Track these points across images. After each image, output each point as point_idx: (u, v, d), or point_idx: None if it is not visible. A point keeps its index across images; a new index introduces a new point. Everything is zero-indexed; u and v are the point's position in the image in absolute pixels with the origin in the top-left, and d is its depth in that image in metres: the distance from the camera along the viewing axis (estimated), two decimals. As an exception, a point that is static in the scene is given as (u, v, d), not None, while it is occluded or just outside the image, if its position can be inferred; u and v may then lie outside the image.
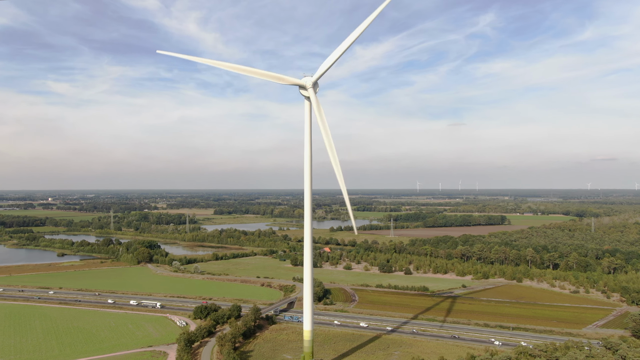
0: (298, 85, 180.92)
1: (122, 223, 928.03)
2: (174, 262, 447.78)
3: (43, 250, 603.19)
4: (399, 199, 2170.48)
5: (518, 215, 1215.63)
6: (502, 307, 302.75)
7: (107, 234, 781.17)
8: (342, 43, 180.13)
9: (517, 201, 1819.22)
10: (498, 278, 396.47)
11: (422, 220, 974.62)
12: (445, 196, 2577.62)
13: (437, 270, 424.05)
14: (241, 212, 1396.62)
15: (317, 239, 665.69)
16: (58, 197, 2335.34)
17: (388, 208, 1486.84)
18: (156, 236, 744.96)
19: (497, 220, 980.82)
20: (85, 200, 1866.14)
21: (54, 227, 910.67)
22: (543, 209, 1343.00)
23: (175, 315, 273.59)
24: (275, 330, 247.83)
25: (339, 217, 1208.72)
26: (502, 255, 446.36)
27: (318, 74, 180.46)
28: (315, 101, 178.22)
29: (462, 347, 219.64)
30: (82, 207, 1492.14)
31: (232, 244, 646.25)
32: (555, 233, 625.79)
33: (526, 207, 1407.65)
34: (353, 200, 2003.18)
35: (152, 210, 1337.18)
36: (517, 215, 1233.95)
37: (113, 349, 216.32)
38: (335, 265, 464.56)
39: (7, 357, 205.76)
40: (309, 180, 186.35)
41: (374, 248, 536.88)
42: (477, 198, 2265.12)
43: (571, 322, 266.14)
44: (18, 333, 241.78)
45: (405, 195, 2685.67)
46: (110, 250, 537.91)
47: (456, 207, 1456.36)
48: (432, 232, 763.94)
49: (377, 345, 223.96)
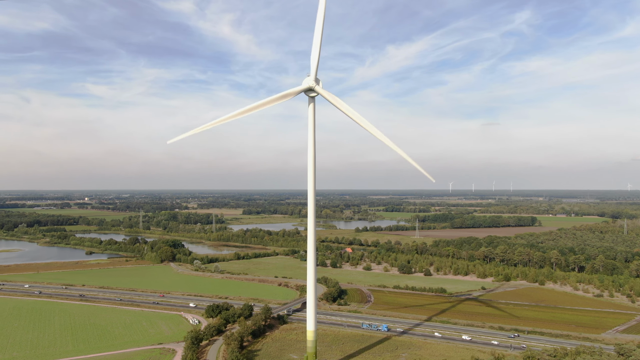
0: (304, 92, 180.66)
1: (151, 222, 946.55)
2: (195, 261, 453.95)
3: (73, 248, 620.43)
4: (429, 200, 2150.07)
5: (550, 217, 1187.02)
6: (520, 310, 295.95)
7: (135, 233, 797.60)
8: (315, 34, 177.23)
9: (551, 202, 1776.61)
10: (520, 280, 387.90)
11: (450, 221, 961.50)
12: (477, 197, 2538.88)
13: (458, 272, 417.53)
14: (269, 212, 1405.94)
15: (340, 239, 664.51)
16: (94, 196, 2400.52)
17: (417, 209, 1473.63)
18: (183, 235, 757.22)
19: (527, 222, 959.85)
20: (120, 200, 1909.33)
21: (86, 226, 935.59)
22: (577, 210, 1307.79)
23: (189, 314, 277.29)
24: (285, 330, 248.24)
25: (366, 218, 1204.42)
26: (526, 257, 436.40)
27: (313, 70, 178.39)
28: (328, 94, 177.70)
29: (472, 350, 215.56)
30: (115, 207, 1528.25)
31: (256, 244, 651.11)
32: (585, 235, 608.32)
33: (559, 208, 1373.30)
34: (384, 201, 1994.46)
35: (183, 210, 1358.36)
36: (549, 216, 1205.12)
37: (124, 346, 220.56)
38: (355, 266, 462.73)
39: (22, 352, 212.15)
40: (312, 180, 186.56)
41: (396, 249, 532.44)
42: (510, 199, 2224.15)
43: (590, 326, 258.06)
44: (37, 328, 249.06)
45: (437, 196, 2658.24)
46: (135, 249, 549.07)
47: (487, 208, 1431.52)
48: (458, 233, 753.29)
49: (385, 346, 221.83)
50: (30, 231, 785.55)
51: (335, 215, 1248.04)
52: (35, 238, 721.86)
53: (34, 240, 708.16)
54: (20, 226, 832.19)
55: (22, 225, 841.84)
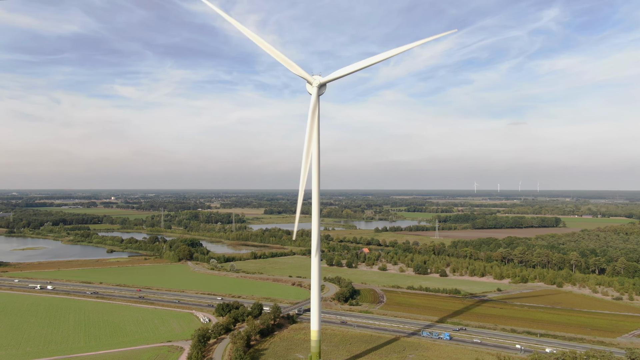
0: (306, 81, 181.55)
1: (173, 221, 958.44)
2: (211, 260, 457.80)
3: (95, 246, 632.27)
4: (452, 200, 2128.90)
5: (575, 218, 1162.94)
6: (535, 312, 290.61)
7: (157, 232, 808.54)
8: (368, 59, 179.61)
9: (578, 203, 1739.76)
10: (537, 282, 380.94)
11: (471, 221, 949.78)
12: (502, 197, 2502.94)
13: (474, 273, 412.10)
14: (291, 212, 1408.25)
15: (359, 239, 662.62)
16: (121, 196, 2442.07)
17: (439, 209, 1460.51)
18: (203, 235, 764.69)
19: (550, 223, 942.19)
20: (145, 200, 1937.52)
21: (110, 224, 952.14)
22: (604, 211, 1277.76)
23: (201, 312, 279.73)
24: (294, 329, 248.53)
25: (387, 218, 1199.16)
26: (545, 259, 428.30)
27: (329, 77, 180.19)
28: (314, 101, 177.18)
29: (480, 352, 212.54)
30: (140, 206, 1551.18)
31: (274, 243, 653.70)
32: (609, 236, 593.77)
33: (585, 209, 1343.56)
34: (406, 201, 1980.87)
35: (205, 209, 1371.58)
36: (575, 217, 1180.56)
37: (134, 343, 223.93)
38: (371, 266, 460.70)
39: (35, 347, 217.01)
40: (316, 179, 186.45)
41: (413, 249, 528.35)
42: (536, 199, 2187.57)
43: (606, 330, 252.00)
44: (51, 324, 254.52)
45: (461, 197, 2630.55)
46: (155, 247, 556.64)
47: (510, 209, 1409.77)
48: (478, 234, 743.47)
49: (392, 347, 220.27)
50: (55, 229, 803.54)
51: (355, 215, 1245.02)
52: (60, 236, 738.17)
53: (59, 238, 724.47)
54: (46, 224, 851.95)
55: (47, 223, 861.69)
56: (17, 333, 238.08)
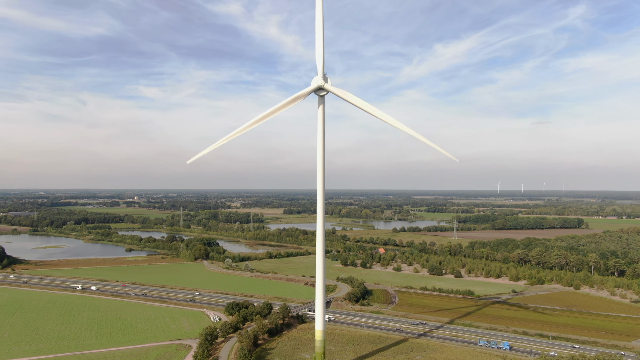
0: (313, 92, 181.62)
1: (192, 221, 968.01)
2: (226, 260, 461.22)
3: (115, 245, 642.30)
4: (474, 200, 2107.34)
5: (599, 219, 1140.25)
6: (549, 315, 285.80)
7: (176, 231, 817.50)
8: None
9: (603, 204, 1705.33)
10: (554, 284, 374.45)
11: (491, 222, 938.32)
12: (526, 198, 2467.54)
13: (490, 274, 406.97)
14: (310, 211, 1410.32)
15: (375, 239, 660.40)
16: (144, 195, 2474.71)
17: (460, 209, 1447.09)
18: (221, 234, 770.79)
19: (572, 224, 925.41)
20: (167, 199, 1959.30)
21: (131, 224, 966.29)
22: (630, 212, 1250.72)
23: (212, 311, 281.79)
24: (303, 329, 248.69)
25: (406, 218, 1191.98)
26: (563, 260, 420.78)
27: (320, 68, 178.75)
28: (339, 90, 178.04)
29: (490, 354, 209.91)
30: (161, 206, 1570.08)
31: (291, 243, 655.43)
32: (631, 238, 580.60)
33: (610, 210, 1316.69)
34: (427, 202, 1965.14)
35: (225, 209, 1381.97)
36: (599, 218, 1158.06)
37: (144, 341, 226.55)
38: (386, 267, 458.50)
39: (48, 344, 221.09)
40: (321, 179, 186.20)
41: (429, 250, 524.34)
42: (560, 200, 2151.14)
43: (621, 333, 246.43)
44: (65, 321, 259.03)
45: (484, 197, 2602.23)
46: (172, 246, 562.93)
47: (533, 210, 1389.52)
48: (497, 235, 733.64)
49: (400, 348, 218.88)
50: (77, 228, 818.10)
51: (374, 216, 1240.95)
52: (81, 235, 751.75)
53: (80, 237, 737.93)
54: (69, 223, 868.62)
55: (70, 222, 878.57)
56: (32, 330, 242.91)
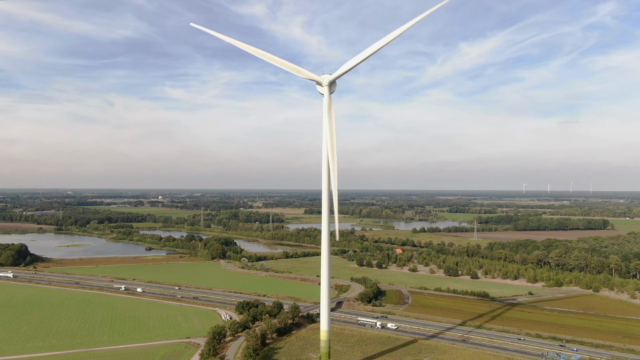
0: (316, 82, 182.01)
1: (213, 220, 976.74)
2: (242, 259, 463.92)
3: (136, 244, 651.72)
4: (498, 201, 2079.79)
5: (626, 220, 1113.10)
6: (565, 317, 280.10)
7: (195, 230, 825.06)
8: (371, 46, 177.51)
9: (632, 205, 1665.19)
10: (573, 286, 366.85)
11: (513, 223, 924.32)
12: (552, 198, 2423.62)
13: (507, 276, 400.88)
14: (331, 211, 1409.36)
15: (394, 239, 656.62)
16: (168, 195, 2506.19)
17: (482, 210, 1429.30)
18: (240, 234, 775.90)
19: (597, 225, 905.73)
20: (191, 199, 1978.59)
21: (153, 223, 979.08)
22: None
23: (223, 310, 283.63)
24: (312, 329, 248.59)
25: (427, 219, 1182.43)
26: (583, 262, 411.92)
27: (337, 73, 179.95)
28: (327, 100, 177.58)
29: (500, 357, 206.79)
30: (184, 205, 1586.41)
31: (309, 243, 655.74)
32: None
33: (638, 210, 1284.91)
34: (450, 202, 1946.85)
35: (247, 209, 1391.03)
36: (626, 219, 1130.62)
37: (154, 338, 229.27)
38: (402, 267, 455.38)
39: (61, 340, 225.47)
40: (326, 178, 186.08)
41: (447, 250, 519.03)
42: (587, 201, 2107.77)
43: (639, 337, 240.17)
44: (80, 318, 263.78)
45: (508, 197, 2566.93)
46: (191, 245, 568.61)
47: (557, 210, 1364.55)
48: (518, 236, 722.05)
49: (408, 350, 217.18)
50: (100, 227, 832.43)
51: (395, 216, 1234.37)
52: (104, 234, 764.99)
53: (102, 235, 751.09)
54: (92, 222, 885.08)
55: (93, 221, 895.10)
56: (47, 326, 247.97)
